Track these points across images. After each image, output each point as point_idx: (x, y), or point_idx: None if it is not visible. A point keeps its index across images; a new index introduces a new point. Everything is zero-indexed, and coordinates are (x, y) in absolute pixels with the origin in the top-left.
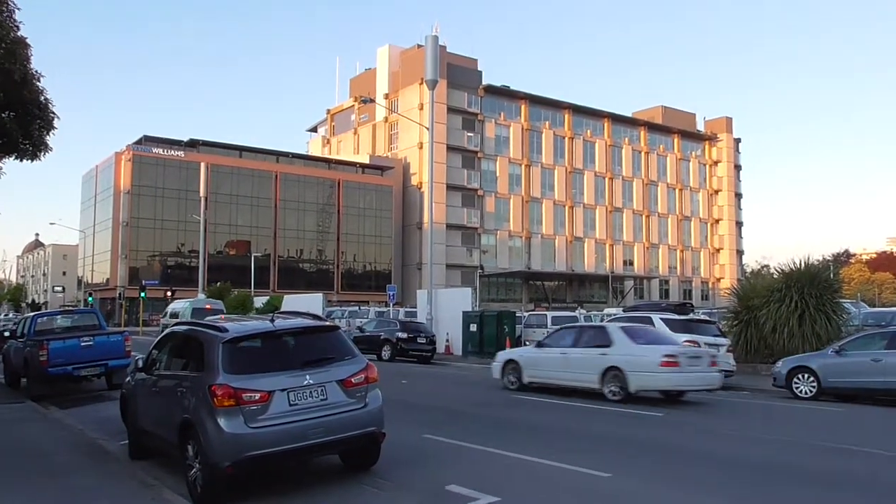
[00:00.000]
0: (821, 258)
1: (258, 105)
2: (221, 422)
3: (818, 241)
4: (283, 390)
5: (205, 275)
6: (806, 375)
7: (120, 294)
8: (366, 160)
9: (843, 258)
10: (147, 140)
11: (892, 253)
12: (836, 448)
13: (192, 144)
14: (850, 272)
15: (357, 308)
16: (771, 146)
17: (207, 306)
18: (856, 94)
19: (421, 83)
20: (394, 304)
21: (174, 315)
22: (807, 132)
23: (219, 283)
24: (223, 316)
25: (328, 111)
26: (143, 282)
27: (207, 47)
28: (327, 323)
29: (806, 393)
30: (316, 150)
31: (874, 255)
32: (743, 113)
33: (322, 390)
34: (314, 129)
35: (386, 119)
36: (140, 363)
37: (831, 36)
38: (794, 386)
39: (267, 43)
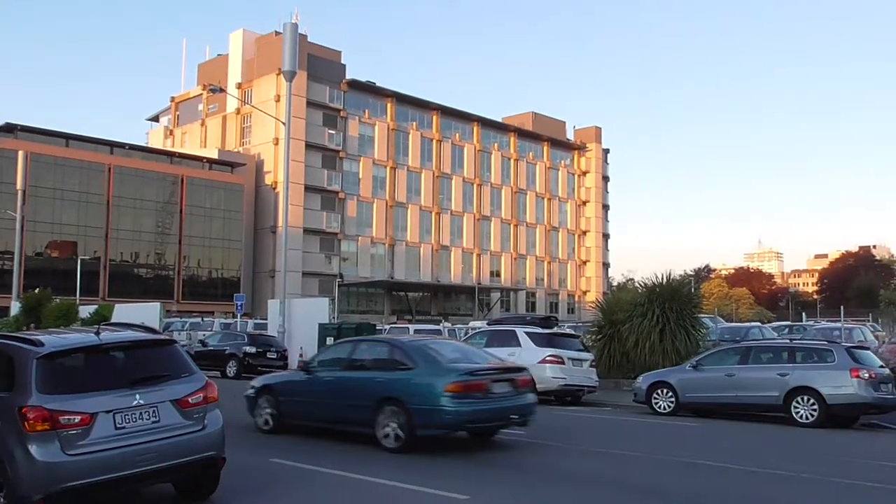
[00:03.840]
0: (683, 273)
1: (90, 89)
2: (33, 449)
3: (682, 256)
4: (108, 412)
5: (20, 279)
6: (665, 391)
7: None
8: (214, 155)
9: (703, 273)
10: None
11: (748, 269)
12: (691, 463)
13: (9, 129)
14: (711, 287)
15: (200, 319)
16: (637, 159)
17: None
18: (719, 114)
19: (278, 74)
20: (242, 316)
21: None
22: (672, 147)
23: (37, 289)
24: None
25: (172, 99)
26: None
27: (32, 19)
28: (162, 336)
29: (665, 408)
30: (157, 141)
31: (732, 271)
32: (611, 125)
33: (154, 411)
34: (155, 119)
35: (238, 111)
36: None
37: (703, 52)
38: (653, 401)
39: (103, 20)
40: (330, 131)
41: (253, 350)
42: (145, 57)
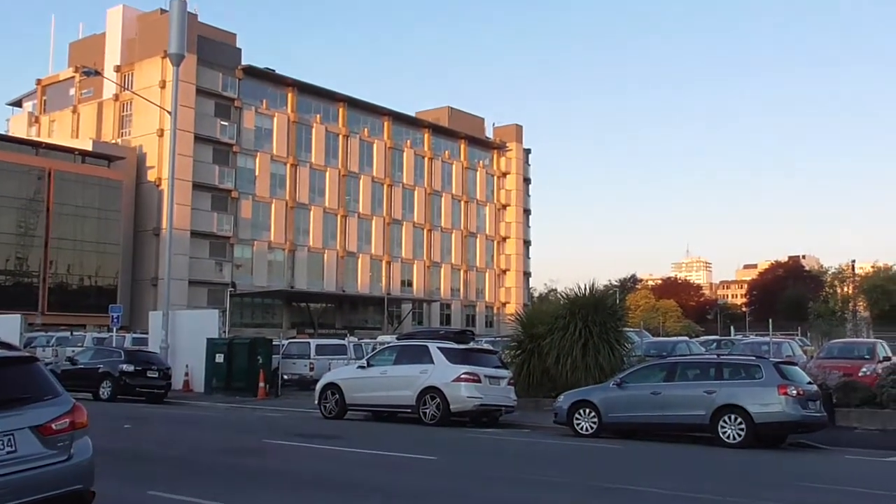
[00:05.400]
0: (608, 283)
1: None
2: None
3: (608, 265)
4: None
5: None
6: (587, 410)
7: None
8: (88, 146)
9: (629, 283)
10: None
11: (676, 279)
12: (608, 488)
13: None
14: (637, 299)
15: (69, 334)
16: (561, 163)
17: None
18: (647, 119)
19: (163, 57)
20: (118, 329)
21: None
22: (597, 152)
23: None
24: None
25: (39, 82)
26: None
27: None
28: (21, 353)
29: (587, 429)
30: (20, 129)
31: (660, 281)
32: (532, 126)
33: (10, 440)
34: (18, 103)
35: (117, 97)
36: None
37: (631, 56)
38: (575, 422)
39: None
40: (222, 122)
41: (131, 368)
42: (6, 32)
